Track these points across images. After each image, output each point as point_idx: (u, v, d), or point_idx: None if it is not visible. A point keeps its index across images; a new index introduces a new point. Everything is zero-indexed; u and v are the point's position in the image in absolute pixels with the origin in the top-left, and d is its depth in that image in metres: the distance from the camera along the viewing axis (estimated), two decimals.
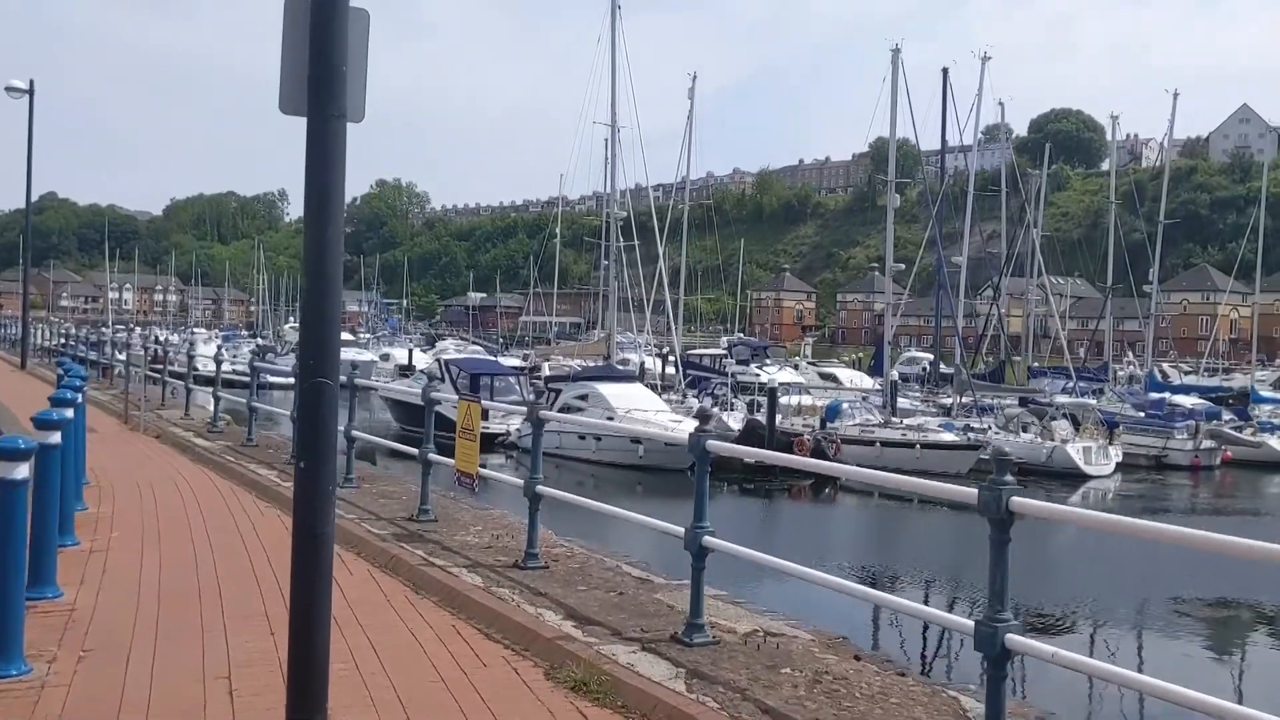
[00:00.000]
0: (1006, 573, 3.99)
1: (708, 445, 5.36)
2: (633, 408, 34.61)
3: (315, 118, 3.85)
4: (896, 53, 37.36)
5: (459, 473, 7.52)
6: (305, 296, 3.92)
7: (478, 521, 8.27)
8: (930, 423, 37.57)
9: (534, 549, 6.64)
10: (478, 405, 7.48)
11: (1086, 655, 4.10)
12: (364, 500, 9.05)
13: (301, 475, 3.93)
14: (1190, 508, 34.78)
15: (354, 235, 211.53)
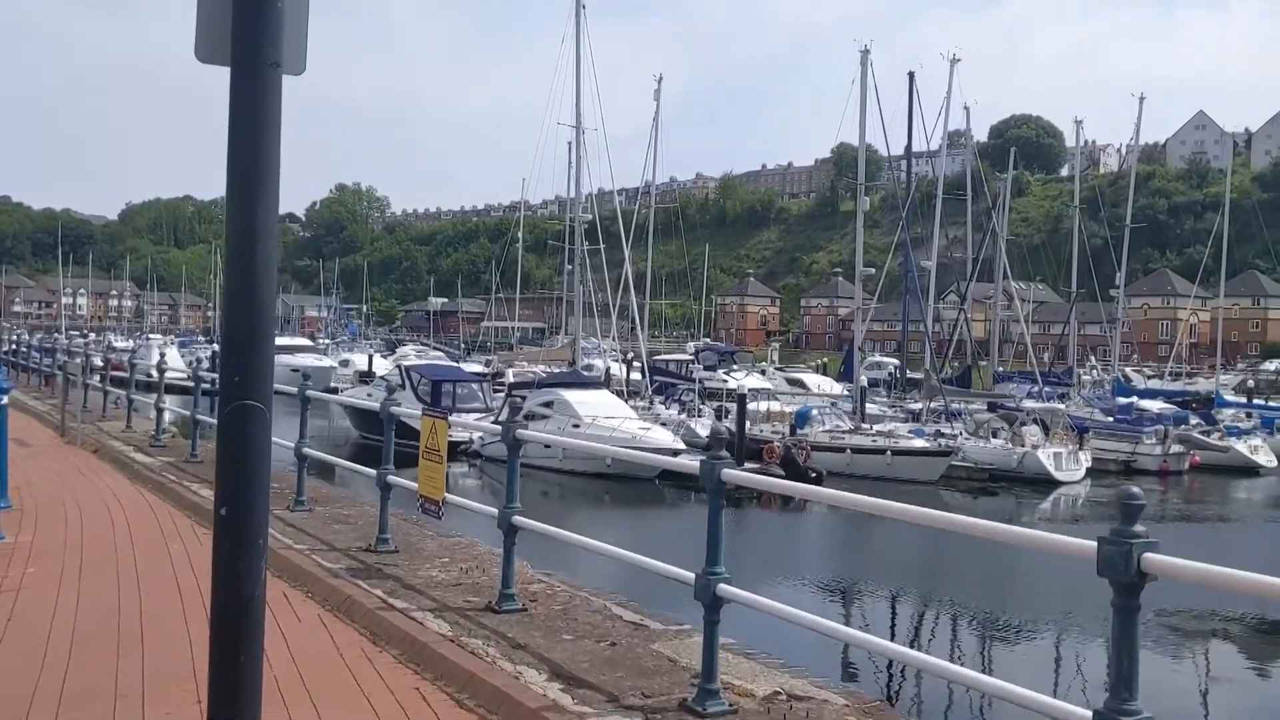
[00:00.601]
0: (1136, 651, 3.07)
1: (724, 475, 4.54)
2: (600, 415, 33.78)
3: (242, 67, 3.00)
4: (865, 54, 36.84)
5: (422, 499, 6.64)
6: (227, 297, 3.07)
7: (444, 551, 7.37)
8: (900, 428, 37.03)
9: (509, 589, 5.77)
10: (444, 423, 6.59)
11: None
12: (316, 527, 8.12)
13: (223, 526, 3.08)
14: (1160, 514, 34.44)
15: (313, 240, 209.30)
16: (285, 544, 7.36)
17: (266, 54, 3.01)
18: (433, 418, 6.65)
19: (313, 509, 8.77)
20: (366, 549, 7.28)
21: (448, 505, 6.59)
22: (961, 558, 24.86)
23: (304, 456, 8.93)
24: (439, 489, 6.43)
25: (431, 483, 6.48)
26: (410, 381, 39.77)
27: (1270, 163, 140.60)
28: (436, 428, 6.49)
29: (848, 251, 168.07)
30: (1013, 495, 34.62)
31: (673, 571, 4.76)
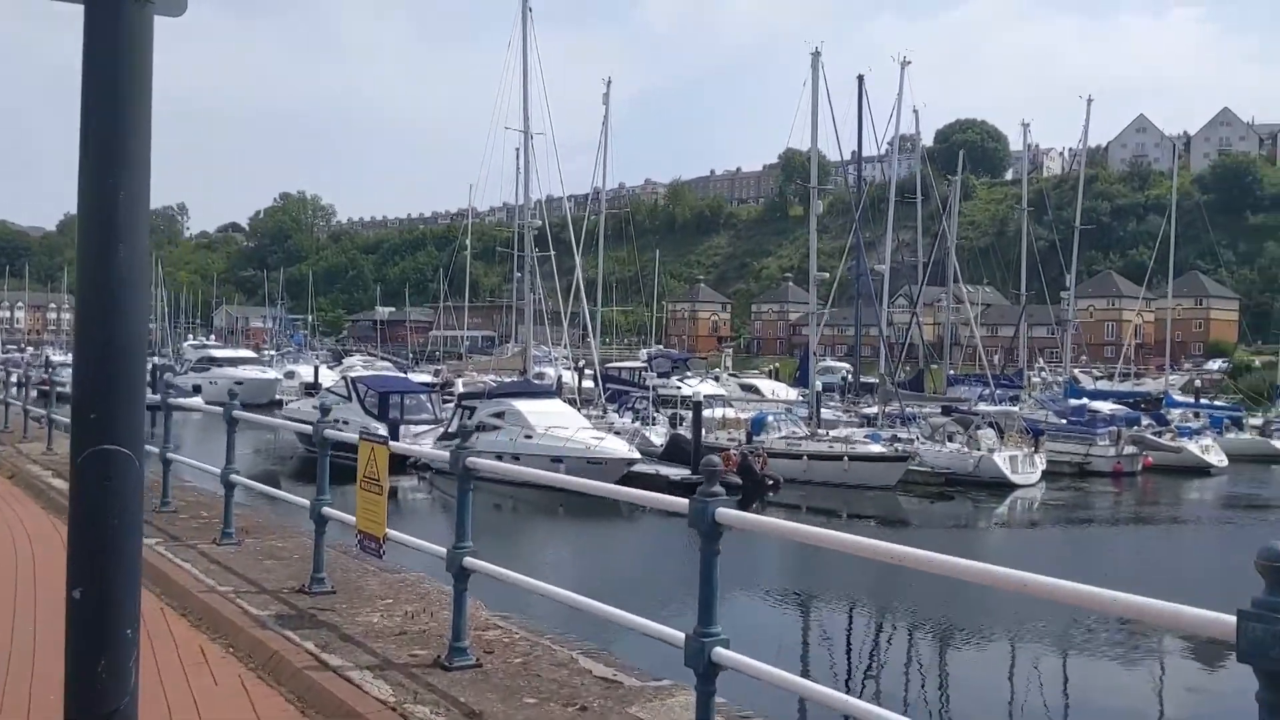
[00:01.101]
0: None
1: (718, 516, 3.86)
2: (553, 425, 33.02)
3: (99, 2, 2.26)
4: (817, 56, 36.43)
5: (360, 534, 5.87)
6: (80, 304, 2.32)
7: (387, 591, 6.58)
8: (856, 434, 36.66)
9: (461, 641, 5.00)
10: (384, 449, 5.82)
11: None
12: (245, 563, 7.28)
13: (77, 614, 2.33)
14: (1113, 516, 34.32)
15: (258, 249, 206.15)
16: (207, 585, 6.55)
17: None
18: (371, 442, 5.87)
19: (242, 541, 7.92)
20: (300, 590, 6.46)
21: (393, 539, 5.82)
22: None
23: (231, 484, 8.07)
24: (379, 523, 5.66)
25: (371, 516, 5.71)
26: (356, 393, 38.75)
27: (1209, 165, 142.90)
28: (375, 454, 5.72)
29: (797, 256, 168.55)
30: (970, 499, 34.34)
31: (659, 631, 4.06)
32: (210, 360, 69.30)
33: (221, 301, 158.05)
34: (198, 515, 9.00)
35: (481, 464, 5.45)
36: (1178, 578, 23.59)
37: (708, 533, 3.90)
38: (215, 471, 8.02)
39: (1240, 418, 49.00)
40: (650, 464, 33.31)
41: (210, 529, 8.13)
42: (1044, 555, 27.59)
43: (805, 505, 32.82)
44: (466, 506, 5.31)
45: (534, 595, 9.09)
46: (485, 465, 5.55)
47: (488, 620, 5.82)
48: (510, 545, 26.23)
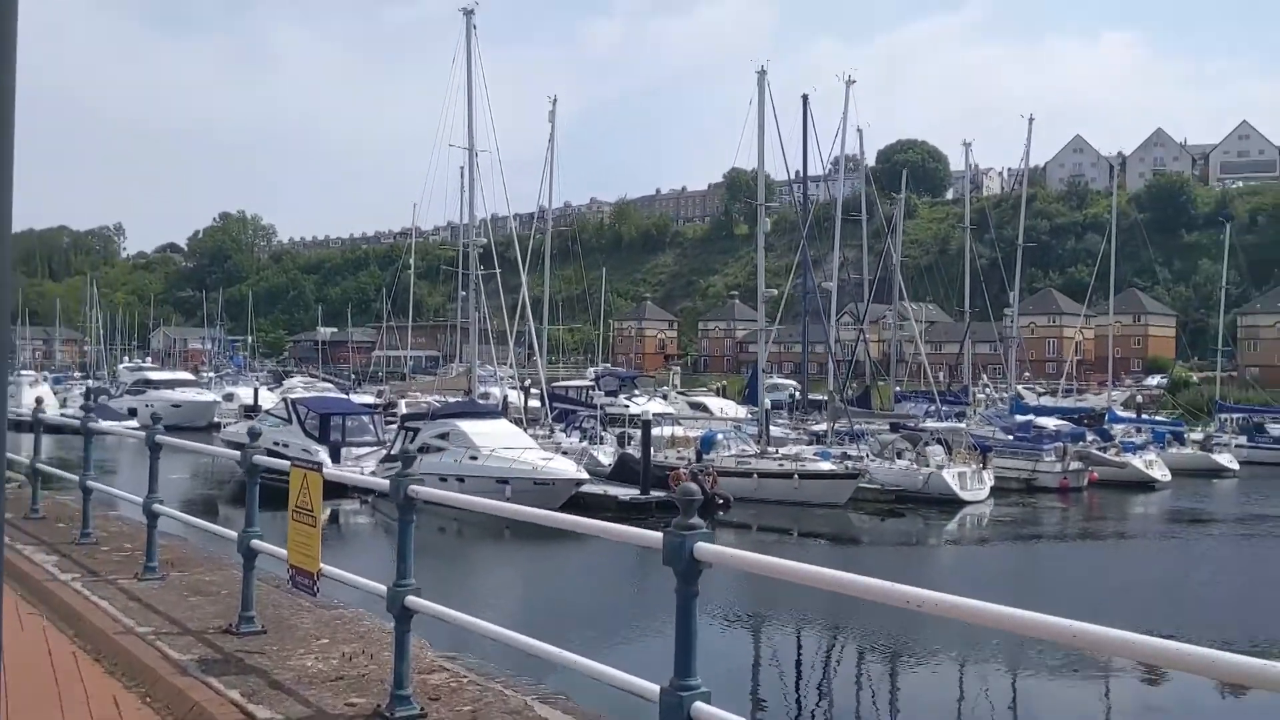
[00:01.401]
0: None
1: (697, 552, 3.45)
2: (498, 446, 32.46)
3: None
4: (763, 74, 36.39)
5: (293, 569, 5.37)
6: None
7: (322, 629, 6.05)
8: (805, 451, 36.50)
9: (403, 688, 4.51)
10: (317, 475, 5.34)
11: None
12: (169, 600, 6.70)
13: None
14: (1061, 532, 34.40)
15: (196, 270, 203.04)
16: (125, 626, 5.99)
17: None
18: (303, 469, 5.37)
19: (166, 576, 7.33)
20: (227, 630, 5.92)
21: (328, 576, 5.32)
22: None
23: (154, 514, 7.49)
24: (313, 558, 5.17)
25: (304, 550, 5.22)
26: (297, 415, 37.87)
27: (1144, 185, 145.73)
28: (309, 481, 5.23)
29: (743, 274, 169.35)
30: (920, 517, 34.27)
31: (629, 683, 3.61)
32: (146, 383, 67.73)
33: (159, 323, 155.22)
34: (120, 548, 8.40)
35: (425, 492, 4.99)
36: (1126, 594, 23.62)
37: (685, 571, 3.46)
38: (137, 501, 7.44)
39: (1181, 432, 49.60)
40: (599, 484, 32.86)
41: (133, 562, 7.54)
42: (994, 572, 27.56)
43: (756, 524, 32.55)
44: (409, 539, 4.85)
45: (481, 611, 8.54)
46: (430, 494, 5.07)
47: (433, 662, 5.34)
48: (455, 571, 25.59)
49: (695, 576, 3.51)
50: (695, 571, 3.50)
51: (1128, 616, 20.90)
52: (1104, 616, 12.83)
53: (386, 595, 4.63)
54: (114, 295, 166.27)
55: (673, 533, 3.51)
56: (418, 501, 4.89)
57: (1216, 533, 34.30)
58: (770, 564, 3.39)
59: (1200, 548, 31.62)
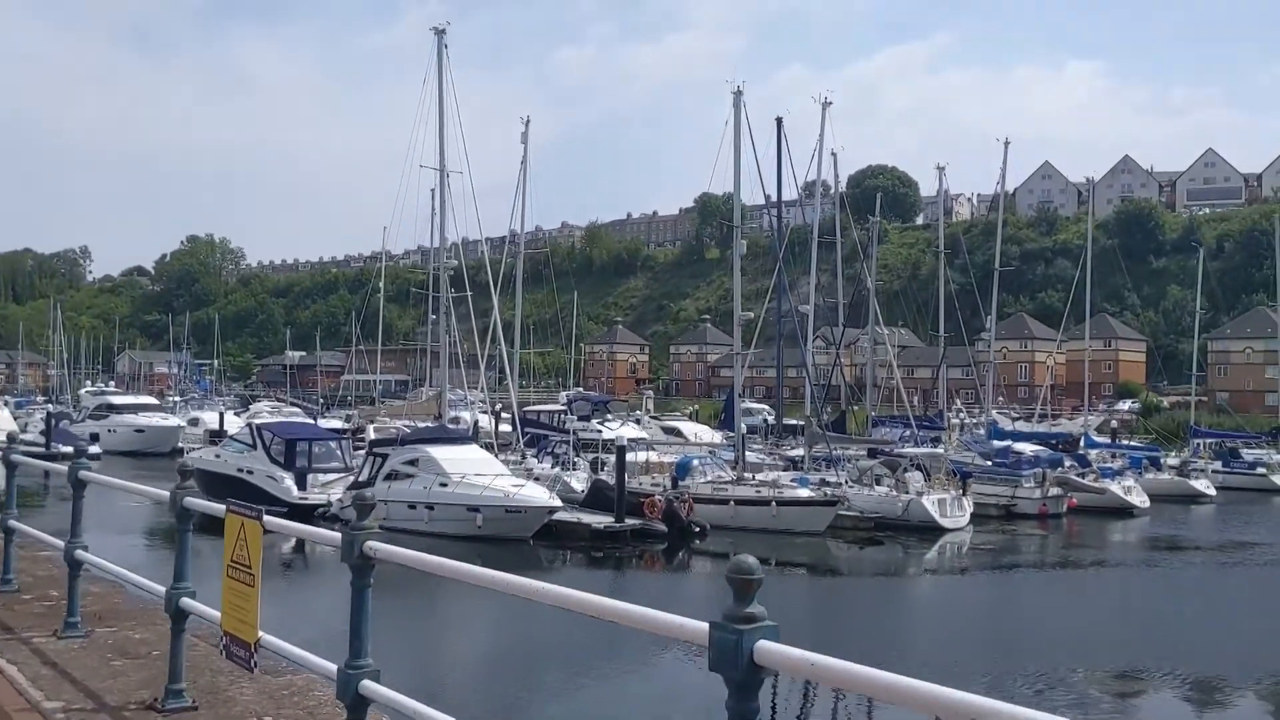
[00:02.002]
0: None
1: (757, 655, 2.60)
2: (469, 473, 31.61)
3: None
4: (739, 95, 35.89)
5: (226, 636, 4.53)
6: None
7: (265, 703, 5.09)
8: (783, 478, 35.86)
9: None
10: (257, 525, 4.51)
11: None
12: (88, 665, 5.81)
13: None
14: (1041, 560, 33.88)
15: (163, 293, 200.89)
16: (30, 701, 5.11)
17: None
18: (241, 516, 4.57)
19: (91, 632, 6.43)
20: (150, 706, 5.03)
21: (268, 647, 4.52)
22: None
23: (77, 563, 6.62)
24: (250, 624, 4.34)
25: (240, 615, 4.38)
26: (262, 441, 36.86)
27: (1113, 211, 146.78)
28: (247, 531, 4.42)
29: (714, 298, 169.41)
30: (900, 544, 33.67)
31: None
32: (109, 407, 66.27)
33: (125, 347, 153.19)
34: (45, 596, 7.51)
35: (388, 551, 4.16)
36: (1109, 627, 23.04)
37: (744, 683, 2.60)
38: (58, 545, 6.60)
39: (1158, 458, 49.34)
40: (572, 512, 32.05)
41: (56, 616, 6.67)
42: (974, 604, 26.95)
43: (733, 553, 31.67)
44: (364, 610, 4.06)
45: (452, 690, 7.74)
46: (392, 552, 4.21)
47: None
48: (420, 607, 24.68)
49: (756, 688, 2.63)
50: (755, 681, 2.62)
51: (1110, 650, 20.33)
52: (1087, 650, 12.19)
53: (337, 679, 3.86)
54: (79, 319, 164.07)
55: (724, 628, 2.64)
56: (374, 562, 4.07)
57: (1199, 561, 33.88)
58: (842, 670, 2.48)
59: (1185, 577, 31.16)
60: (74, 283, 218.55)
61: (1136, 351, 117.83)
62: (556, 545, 30.98)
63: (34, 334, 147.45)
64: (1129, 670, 18.91)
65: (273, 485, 35.25)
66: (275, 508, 35.69)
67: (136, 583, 6.14)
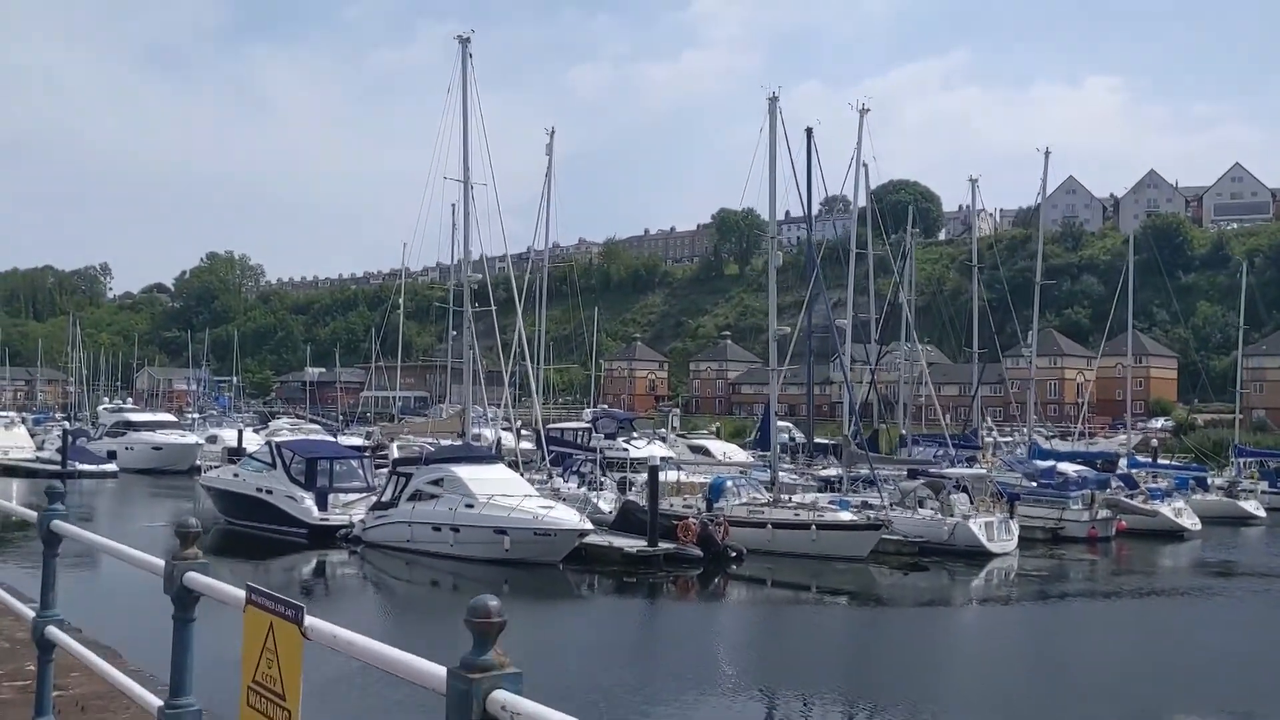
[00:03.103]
0: None
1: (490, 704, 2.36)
2: (496, 493, 30.30)
3: None
4: (774, 101, 34.62)
5: None
6: None
7: None
8: (820, 499, 34.42)
9: None
10: (294, 632, 2.93)
11: None
12: None
13: None
14: (1096, 589, 32.07)
15: (183, 310, 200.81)
16: None
17: None
18: (268, 612, 3.09)
19: None
20: None
21: None
22: None
23: (48, 644, 5.10)
24: None
25: None
26: (281, 459, 35.70)
27: (1140, 226, 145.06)
28: (279, 638, 2.98)
29: (733, 315, 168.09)
30: (945, 570, 32.16)
31: None
32: (126, 424, 65.30)
33: (144, 363, 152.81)
34: (21, 671, 6.08)
35: (207, 584, 3.05)
36: (1182, 665, 21.54)
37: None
38: (27, 614, 5.13)
39: (1205, 478, 47.63)
40: (603, 535, 30.67)
41: (28, 701, 5.30)
42: (1028, 638, 25.45)
43: (771, 579, 30.44)
44: (187, 645, 3.40)
45: None
46: (212, 586, 2.98)
47: None
48: (448, 634, 23.35)
49: None
50: None
51: (1177, 692, 18.87)
52: (1152, 691, 10.43)
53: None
54: (99, 336, 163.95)
55: (458, 675, 2.53)
56: None
57: (1260, 589, 32.21)
58: None
59: (1248, 607, 29.50)
60: (94, 300, 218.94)
61: (1168, 368, 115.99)
62: (587, 570, 29.64)
63: (53, 351, 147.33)
64: (1199, 715, 17.57)
65: (293, 505, 34.07)
66: (295, 529, 34.62)
67: (126, 686, 4.54)
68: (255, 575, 33.25)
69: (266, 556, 33.14)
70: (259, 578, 34.53)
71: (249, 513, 35.45)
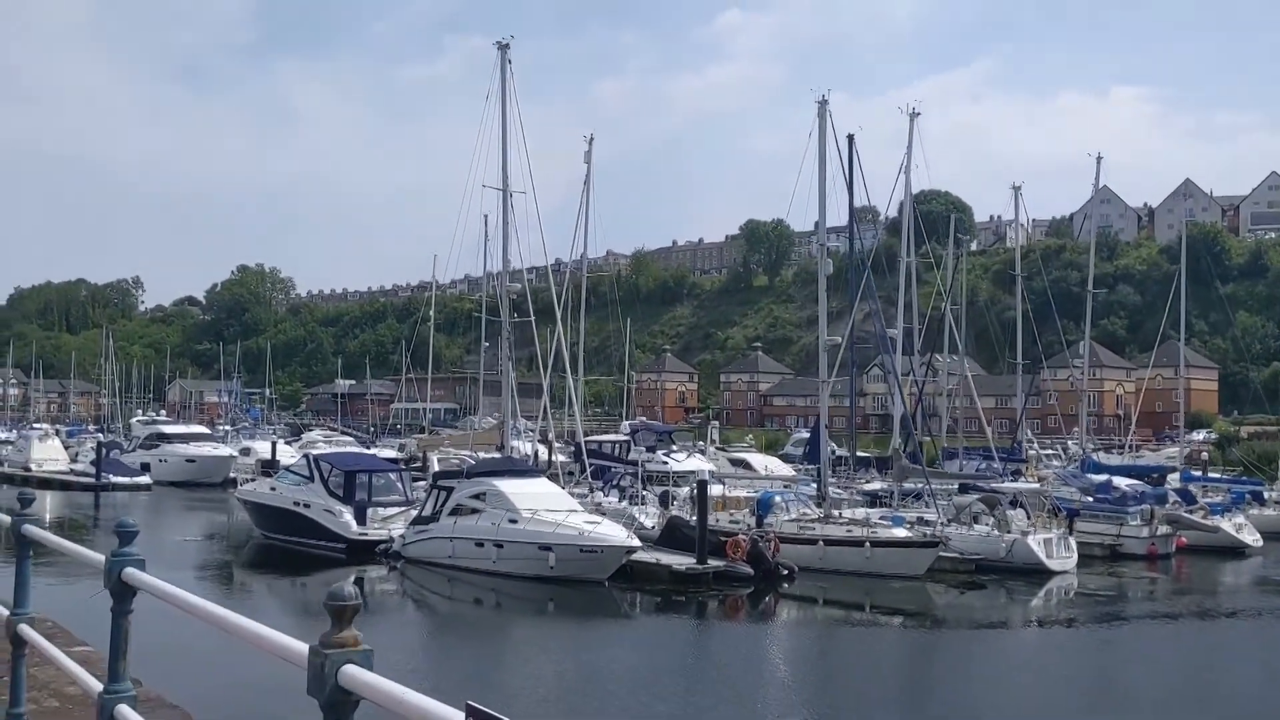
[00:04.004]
0: None
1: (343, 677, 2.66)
2: (540, 508, 29.48)
3: None
4: (824, 104, 33.74)
5: None
6: None
7: None
8: (872, 515, 33.41)
9: None
10: None
11: None
12: None
13: None
14: (1161, 610, 30.74)
15: (214, 323, 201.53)
16: None
17: None
18: None
19: None
20: None
21: None
22: None
23: (20, 640, 5.32)
24: None
25: None
26: (319, 472, 35.04)
27: (1177, 236, 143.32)
28: None
29: (762, 326, 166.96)
30: (1003, 589, 31.06)
31: None
32: (160, 437, 64.98)
33: (175, 376, 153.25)
34: None
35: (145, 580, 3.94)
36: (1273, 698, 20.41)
37: (332, 706, 2.76)
38: None
39: (1260, 492, 46.18)
40: (650, 552, 29.76)
41: None
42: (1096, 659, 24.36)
43: (823, 597, 29.46)
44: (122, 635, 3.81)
45: None
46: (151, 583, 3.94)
47: None
48: (491, 655, 22.54)
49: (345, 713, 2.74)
50: (344, 706, 2.74)
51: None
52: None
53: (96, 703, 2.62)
54: (131, 348, 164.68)
55: (317, 651, 2.79)
56: None
57: None
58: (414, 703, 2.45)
59: None
60: (126, 312, 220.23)
61: (1208, 380, 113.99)
62: (634, 588, 28.74)
63: (86, 363, 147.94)
64: None
65: (331, 519, 33.40)
66: (333, 543, 33.92)
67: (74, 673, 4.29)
68: (293, 591, 32.56)
69: (304, 572, 32.46)
70: (297, 594, 33.89)
71: (286, 527, 34.82)
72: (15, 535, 5.56)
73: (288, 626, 5.03)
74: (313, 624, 2.92)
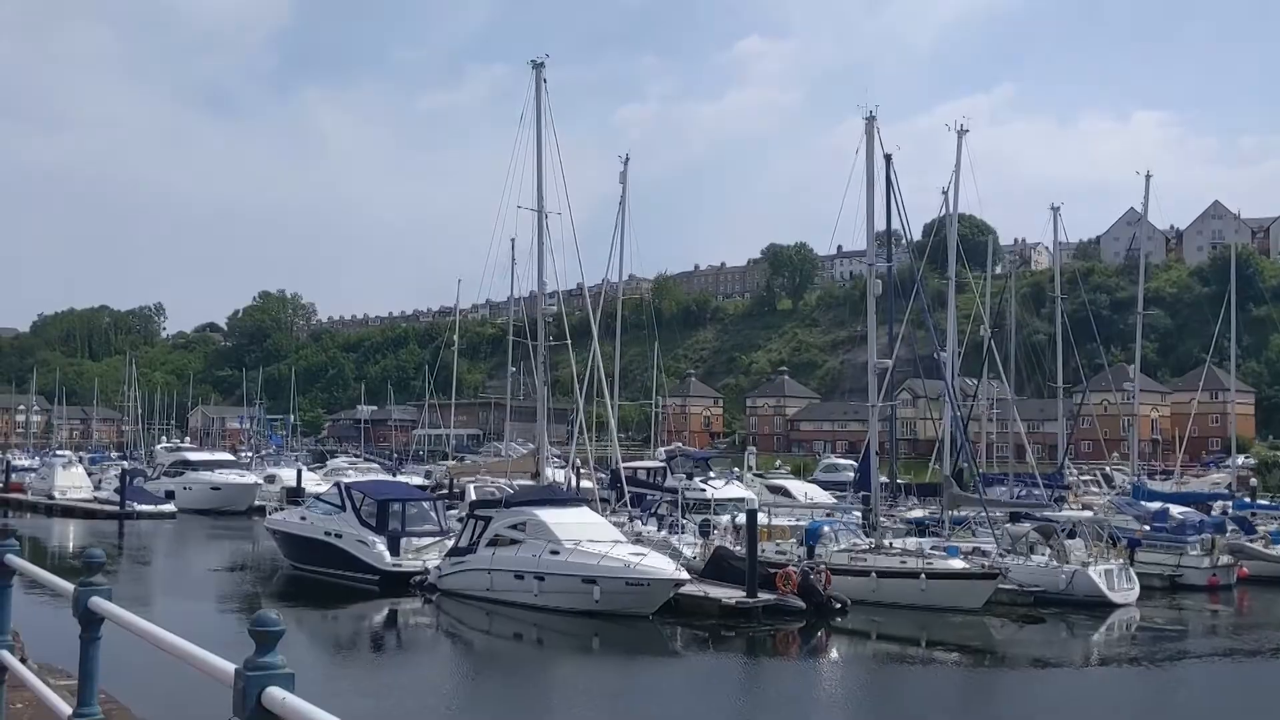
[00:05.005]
0: None
1: (265, 699, 3.01)
2: (582, 539, 28.35)
3: None
4: (871, 120, 32.75)
5: None
6: None
7: None
8: (925, 544, 32.14)
9: None
10: None
11: None
12: None
13: None
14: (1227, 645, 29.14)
15: (235, 349, 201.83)
16: None
17: None
18: None
19: None
20: None
21: None
22: None
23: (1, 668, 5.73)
24: None
25: None
26: (351, 502, 34.01)
27: (1208, 258, 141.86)
28: None
29: (787, 350, 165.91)
30: (1064, 623, 29.67)
31: None
32: (184, 464, 64.16)
33: (198, 402, 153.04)
34: None
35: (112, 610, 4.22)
36: None
37: None
38: None
39: None
40: (697, 584, 28.57)
41: None
42: (1172, 698, 23.05)
43: (876, 631, 28.17)
44: (92, 661, 4.19)
45: None
46: (117, 614, 4.18)
47: None
48: (532, 697, 21.39)
49: None
50: None
51: None
52: None
53: None
54: (153, 375, 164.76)
55: (241, 673, 3.05)
56: None
57: None
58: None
59: None
60: (149, 339, 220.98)
61: (1245, 403, 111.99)
62: (681, 622, 27.53)
63: (109, 390, 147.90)
64: None
65: (364, 550, 32.34)
66: (366, 575, 32.87)
67: None
68: (324, 625, 31.53)
69: (336, 604, 31.37)
70: (328, 627, 32.91)
71: (317, 557, 33.78)
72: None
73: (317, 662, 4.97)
74: (343, 658, 1.88)
